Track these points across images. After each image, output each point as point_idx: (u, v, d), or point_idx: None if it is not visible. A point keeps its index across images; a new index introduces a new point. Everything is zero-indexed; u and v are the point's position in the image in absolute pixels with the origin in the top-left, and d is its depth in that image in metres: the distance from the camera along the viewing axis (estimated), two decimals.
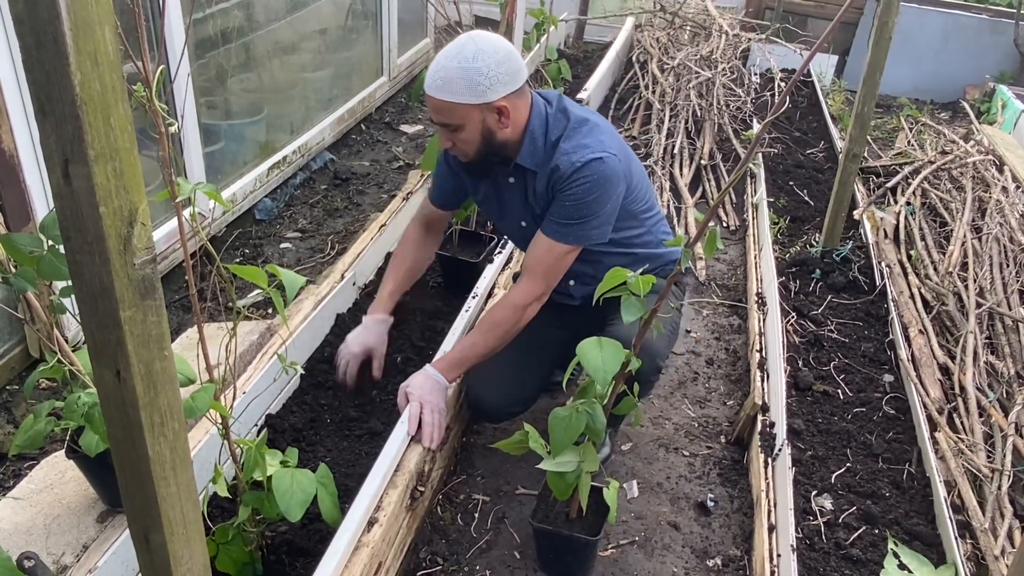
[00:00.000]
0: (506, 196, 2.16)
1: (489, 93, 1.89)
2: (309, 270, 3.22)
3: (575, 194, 1.97)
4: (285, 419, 2.23)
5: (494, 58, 1.87)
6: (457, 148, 2.02)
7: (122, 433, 1.08)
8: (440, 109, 1.93)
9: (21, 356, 2.41)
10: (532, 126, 2.01)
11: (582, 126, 2.02)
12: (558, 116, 2.04)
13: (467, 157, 2.04)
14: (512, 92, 1.93)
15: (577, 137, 1.99)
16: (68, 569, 1.59)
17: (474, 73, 1.86)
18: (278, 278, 1.46)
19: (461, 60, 1.86)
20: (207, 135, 3.26)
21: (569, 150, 1.97)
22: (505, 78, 1.90)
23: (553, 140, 2.02)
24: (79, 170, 0.90)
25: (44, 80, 0.86)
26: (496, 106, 1.92)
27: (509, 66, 1.91)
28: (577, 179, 1.95)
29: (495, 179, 2.15)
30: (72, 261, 0.97)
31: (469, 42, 1.89)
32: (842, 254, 3.41)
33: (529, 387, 2.22)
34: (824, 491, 2.29)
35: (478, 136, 1.96)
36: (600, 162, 1.95)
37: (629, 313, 1.61)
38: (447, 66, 1.88)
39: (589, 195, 1.96)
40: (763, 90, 5.20)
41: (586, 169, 1.95)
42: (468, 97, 1.88)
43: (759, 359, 2.63)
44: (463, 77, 1.86)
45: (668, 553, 2.10)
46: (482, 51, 1.87)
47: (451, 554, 2.06)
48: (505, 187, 2.14)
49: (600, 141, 1.99)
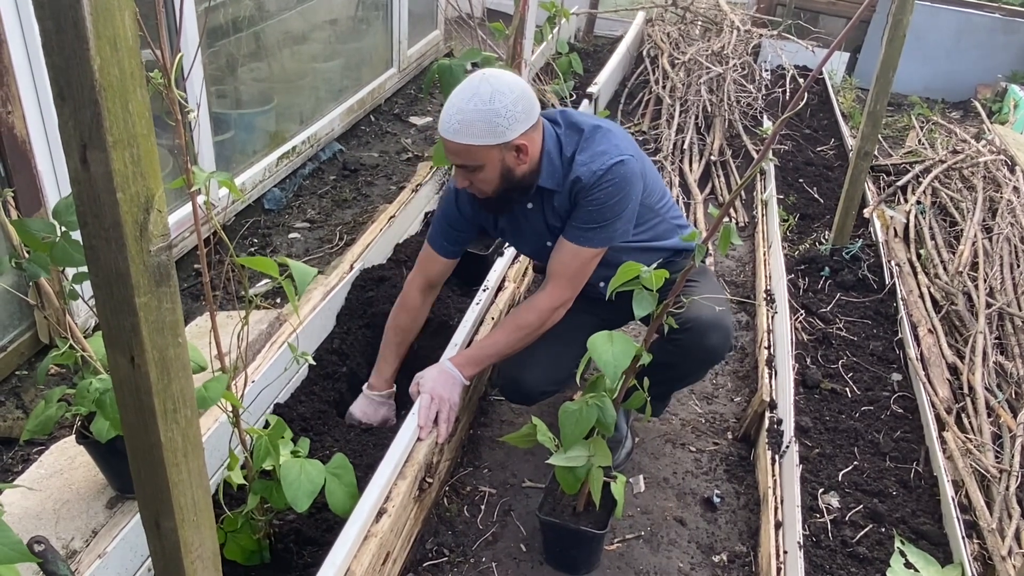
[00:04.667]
0: (525, 222, 2.15)
1: (508, 132, 1.87)
2: (317, 260, 3.22)
3: (598, 199, 1.97)
4: (294, 409, 2.23)
5: (510, 97, 1.85)
6: (475, 187, 2.00)
7: (135, 419, 1.08)
8: (458, 152, 1.90)
9: (31, 342, 2.42)
10: (547, 148, 2.01)
11: (595, 134, 2.02)
12: (568, 132, 2.04)
13: (485, 195, 2.02)
14: (529, 127, 1.91)
15: (592, 146, 2.00)
16: (77, 554, 1.60)
17: (492, 115, 1.84)
18: (288, 268, 1.46)
19: (478, 102, 1.84)
20: (217, 124, 3.26)
21: (587, 160, 1.98)
22: (522, 115, 1.88)
23: (569, 156, 2.02)
24: (97, 156, 0.90)
25: (63, 65, 0.86)
26: (515, 144, 1.90)
27: (525, 103, 1.89)
28: (600, 184, 1.96)
29: (513, 209, 2.13)
30: (88, 247, 0.97)
31: (483, 83, 1.86)
32: (852, 252, 3.39)
33: (564, 370, 2.21)
34: (831, 489, 2.28)
35: (497, 175, 1.95)
36: (621, 165, 1.96)
37: (640, 307, 1.61)
38: (464, 108, 1.85)
39: (612, 199, 1.97)
40: (774, 87, 5.18)
41: (608, 174, 1.95)
42: (487, 139, 1.86)
43: (767, 356, 2.62)
44: (482, 119, 1.84)
45: (674, 548, 2.11)
46: (498, 91, 1.85)
47: (457, 545, 2.06)
48: (523, 213, 2.13)
49: (615, 145, 1.99)
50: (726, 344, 2.09)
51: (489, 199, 2.04)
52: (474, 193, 2.04)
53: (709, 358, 2.14)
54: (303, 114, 3.92)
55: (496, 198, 2.03)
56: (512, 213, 2.15)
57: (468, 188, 2.01)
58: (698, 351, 2.06)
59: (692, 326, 1.96)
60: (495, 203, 2.06)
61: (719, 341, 2.06)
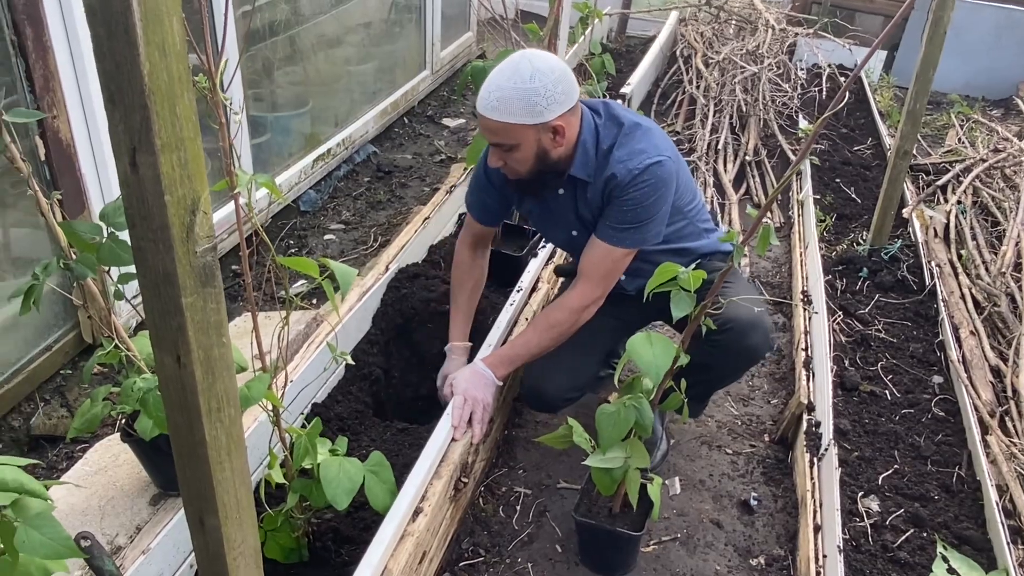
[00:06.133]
0: (555, 208, 2.14)
1: (546, 113, 1.86)
2: (352, 262, 3.24)
3: (634, 199, 1.96)
4: (331, 408, 2.26)
5: (551, 77, 1.85)
6: (509, 168, 1.99)
7: (181, 418, 1.09)
8: (494, 130, 1.90)
9: (74, 341, 2.47)
10: (583, 137, 2.00)
11: (635, 131, 2.00)
12: (608, 125, 2.02)
13: (518, 175, 2.02)
14: (567, 110, 1.90)
15: (631, 143, 1.98)
16: (122, 550, 1.63)
17: (531, 93, 1.83)
18: (329, 269, 1.47)
19: (517, 80, 1.83)
20: (254, 127, 3.30)
21: (624, 157, 1.96)
22: (561, 97, 1.87)
23: (605, 149, 2.00)
24: (146, 159, 0.92)
25: (114, 70, 0.87)
26: (552, 125, 1.89)
27: (565, 85, 1.88)
28: (636, 184, 1.94)
29: (545, 192, 2.13)
30: (137, 248, 0.99)
31: (524, 61, 1.85)
32: (890, 253, 3.34)
33: (585, 374, 2.21)
34: (871, 492, 2.25)
35: (532, 156, 1.94)
36: (658, 166, 1.94)
37: (678, 308, 1.60)
38: (503, 86, 1.85)
39: (647, 199, 1.96)
40: (810, 85, 5.11)
41: (645, 174, 1.94)
42: (524, 118, 1.86)
43: (804, 358, 2.59)
44: (520, 98, 1.84)
45: (711, 551, 2.09)
46: (539, 71, 1.84)
47: (493, 545, 2.06)
48: (554, 199, 2.12)
49: (654, 145, 1.98)
50: (766, 344, 2.07)
51: (521, 180, 2.04)
52: (507, 174, 2.04)
53: (749, 358, 2.12)
54: (338, 117, 3.96)
55: (528, 180, 2.02)
56: (542, 196, 2.14)
57: (502, 168, 2.01)
58: (738, 351, 2.04)
59: (732, 326, 1.94)
60: (527, 184, 2.06)
61: (759, 341, 2.04)
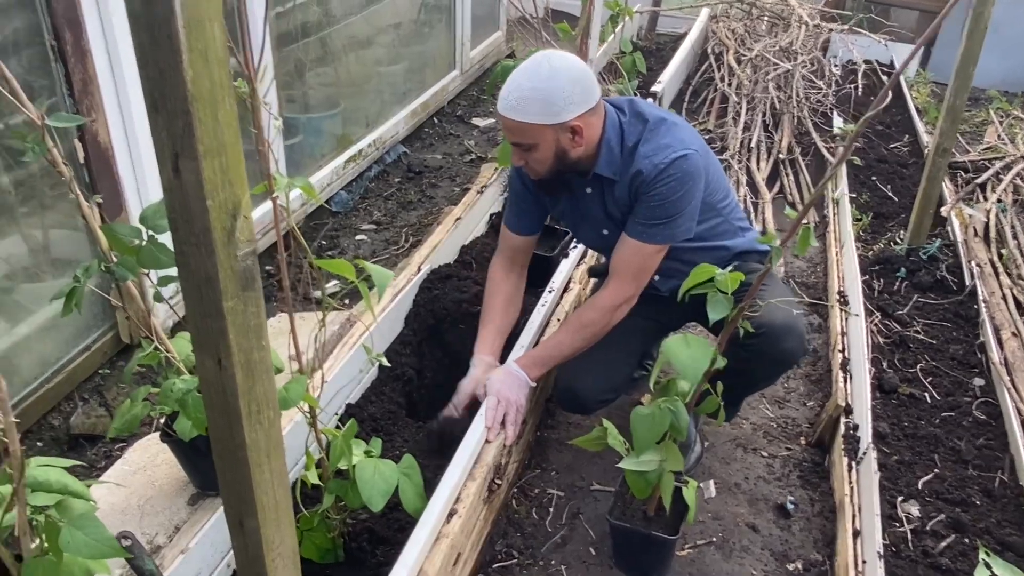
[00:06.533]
0: (584, 207, 2.14)
1: (563, 113, 1.87)
2: (384, 262, 3.26)
3: (661, 194, 1.95)
4: (364, 409, 2.26)
5: (568, 77, 1.86)
6: (529, 167, 2.01)
7: (221, 420, 1.10)
8: (514, 129, 1.92)
9: (112, 342, 2.51)
10: (607, 136, 1.99)
11: (660, 126, 1.99)
12: (633, 121, 2.02)
13: (538, 175, 2.03)
14: (586, 111, 1.91)
15: (656, 138, 1.97)
16: (161, 549, 1.65)
17: (549, 93, 1.85)
18: (365, 271, 1.48)
19: (536, 81, 1.85)
20: (286, 128, 3.33)
21: (650, 152, 1.95)
22: (579, 97, 1.88)
23: (631, 146, 1.99)
24: (188, 164, 0.92)
25: (158, 77, 0.88)
26: (570, 125, 1.90)
27: (584, 85, 1.89)
28: (662, 179, 1.93)
29: (572, 192, 2.13)
30: (179, 252, 0.99)
31: (544, 61, 1.87)
32: (929, 252, 3.28)
33: (620, 376, 2.20)
34: (911, 497, 2.21)
35: (551, 155, 1.95)
36: (684, 160, 1.93)
37: (715, 311, 1.58)
38: (522, 86, 1.86)
39: (675, 194, 1.94)
40: (844, 82, 5.04)
41: (671, 168, 1.92)
42: (542, 118, 1.87)
43: (841, 360, 2.55)
44: (538, 98, 1.85)
45: (747, 555, 2.06)
46: (557, 71, 1.85)
47: (526, 548, 2.06)
48: (582, 198, 2.12)
49: (680, 139, 1.97)
50: (800, 348, 2.04)
51: (543, 180, 2.05)
52: (528, 173, 2.06)
53: (783, 363, 2.09)
54: (368, 117, 3.98)
55: (549, 179, 2.03)
56: (572, 196, 2.15)
57: (524, 168, 2.03)
58: (772, 356, 2.01)
59: (766, 331, 1.91)
60: (548, 184, 2.07)
61: (794, 345, 2.01)
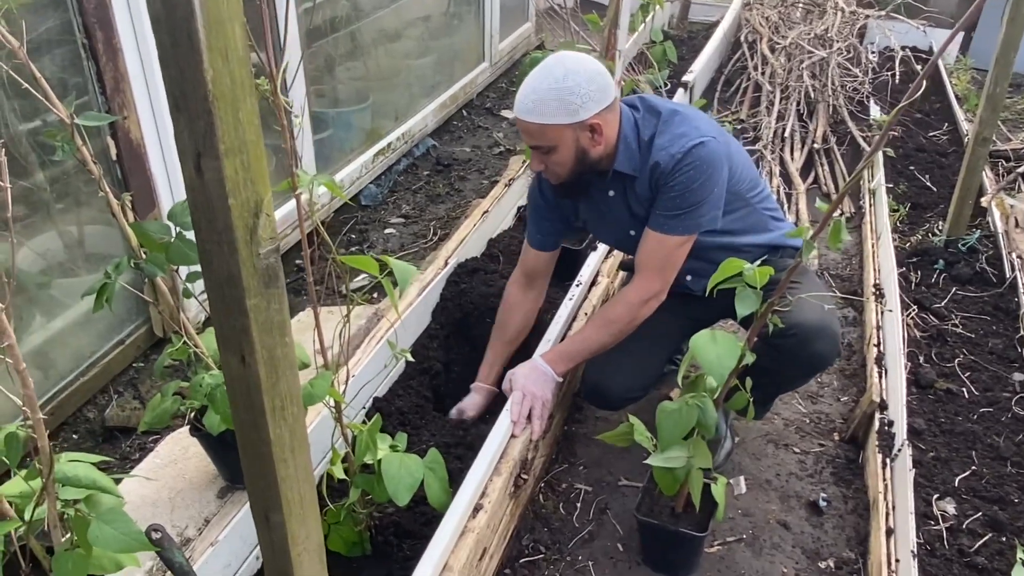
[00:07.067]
0: (608, 211, 2.12)
1: (581, 111, 1.87)
2: (412, 255, 3.27)
3: (680, 183, 1.92)
4: (392, 403, 2.27)
5: (584, 76, 1.86)
6: (549, 171, 2.00)
7: (246, 416, 1.11)
8: (532, 132, 1.92)
9: (146, 336, 2.55)
10: (624, 132, 1.98)
11: (673, 117, 1.98)
12: (646, 116, 2.01)
13: (559, 179, 2.02)
14: (603, 108, 1.90)
15: (671, 129, 1.96)
16: (191, 542, 1.67)
17: (566, 93, 1.85)
18: (388, 266, 1.48)
19: (551, 82, 1.85)
20: (316, 123, 3.34)
21: (665, 144, 1.94)
22: (596, 95, 1.87)
23: (647, 139, 1.98)
24: (210, 163, 0.93)
25: (179, 77, 0.88)
26: (589, 124, 1.89)
27: (599, 82, 1.88)
28: (680, 168, 1.91)
29: (593, 197, 2.11)
30: (202, 250, 1.00)
31: (557, 64, 1.88)
32: (968, 244, 3.20)
33: (650, 373, 2.18)
34: (947, 495, 2.16)
35: (571, 156, 1.94)
36: (701, 147, 1.90)
37: (743, 306, 1.56)
38: (538, 88, 1.87)
39: (695, 182, 1.92)
40: (881, 70, 4.93)
41: (688, 157, 1.90)
42: (561, 118, 1.87)
43: (876, 354, 2.50)
44: (555, 98, 1.85)
45: (777, 552, 2.04)
46: (571, 71, 1.86)
47: (553, 543, 2.05)
48: (605, 202, 2.11)
49: (695, 127, 1.95)
50: (834, 351, 1.99)
51: (564, 183, 2.03)
52: (548, 178, 2.04)
53: (815, 365, 2.04)
54: (398, 111, 3.98)
55: (570, 182, 2.02)
56: (593, 201, 2.13)
57: (544, 172, 2.02)
58: (803, 358, 1.96)
59: (796, 332, 1.87)
60: (570, 188, 2.06)
61: (826, 348, 1.96)
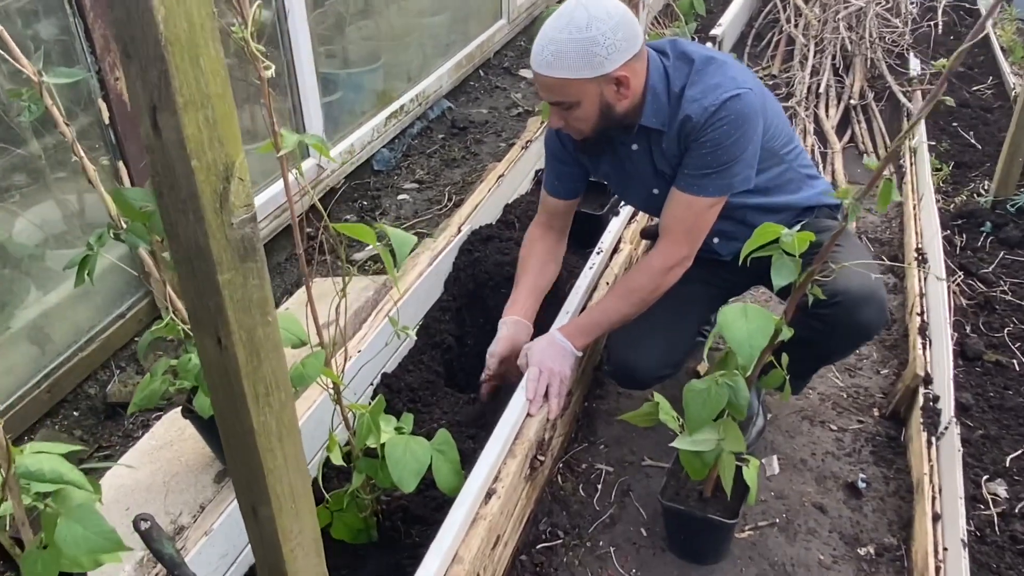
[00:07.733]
0: (631, 166, 1.95)
1: (607, 63, 1.68)
2: (426, 223, 3.14)
3: (713, 139, 1.75)
4: (401, 378, 2.16)
5: (609, 24, 1.66)
6: (570, 127, 1.82)
7: (226, 404, 1.01)
8: (551, 87, 1.73)
9: (148, 309, 2.45)
10: (652, 83, 1.79)
11: (708, 66, 1.78)
12: (677, 64, 1.82)
13: (582, 135, 1.84)
14: (631, 58, 1.71)
15: (704, 79, 1.77)
16: (185, 530, 1.58)
17: (589, 43, 1.66)
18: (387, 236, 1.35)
19: (573, 31, 1.66)
20: (325, 85, 3.20)
21: (698, 96, 1.75)
22: (623, 44, 1.68)
23: (677, 91, 1.79)
24: (167, 119, 0.83)
25: (125, 18, 0.78)
26: (615, 76, 1.71)
27: (626, 30, 1.69)
28: (713, 123, 1.73)
29: (616, 150, 1.94)
30: (166, 220, 0.90)
31: (579, 9, 1.67)
32: (1018, 204, 3.01)
33: (680, 348, 2.03)
34: (997, 476, 2.01)
35: (595, 113, 1.76)
36: (737, 99, 1.72)
37: (780, 276, 1.41)
38: (557, 39, 1.67)
39: (728, 138, 1.74)
40: (922, 20, 4.68)
41: (722, 111, 1.72)
42: (584, 71, 1.68)
43: (920, 324, 2.34)
44: (577, 49, 1.66)
45: (813, 538, 1.91)
46: (595, 18, 1.66)
47: (572, 527, 1.94)
48: (628, 156, 1.93)
49: (731, 77, 1.76)
50: (880, 319, 1.81)
51: (586, 140, 1.86)
52: (570, 134, 1.87)
53: (860, 335, 1.87)
54: (411, 72, 3.83)
55: (594, 139, 1.85)
56: (616, 155, 1.96)
57: (563, 128, 1.84)
58: (847, 328, 1.79)
59: (841, 299, 1.71)
60: (592, 145, 1.89)
61: (872, 317, 1.78)
